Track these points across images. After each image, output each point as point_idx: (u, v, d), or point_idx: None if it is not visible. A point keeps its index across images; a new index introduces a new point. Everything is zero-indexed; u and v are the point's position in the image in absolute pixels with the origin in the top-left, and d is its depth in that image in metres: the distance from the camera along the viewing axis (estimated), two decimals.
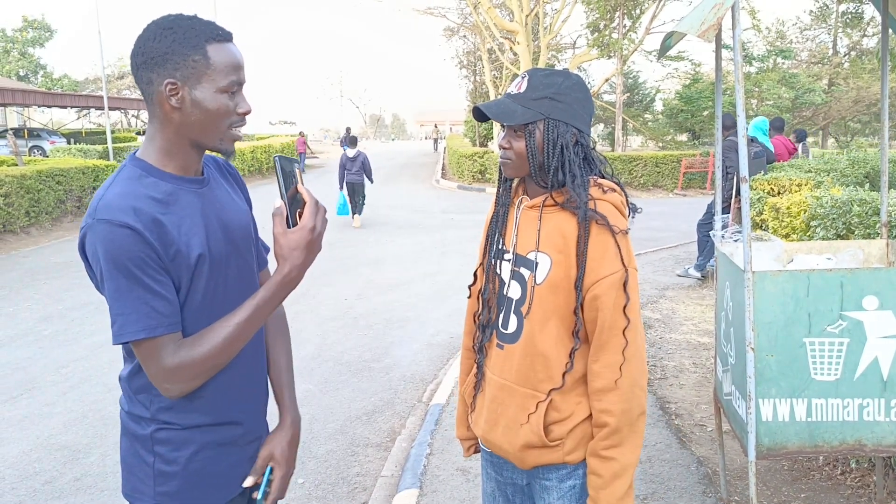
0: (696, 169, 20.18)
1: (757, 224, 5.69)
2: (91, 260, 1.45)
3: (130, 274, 1.41)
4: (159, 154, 1.53)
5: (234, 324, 1.48)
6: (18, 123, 39.57)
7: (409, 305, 7.71)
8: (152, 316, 1.42)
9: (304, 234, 1.47)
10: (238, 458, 1.66)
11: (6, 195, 11.92)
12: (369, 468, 4.11)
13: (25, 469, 4.09)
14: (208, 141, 1.53)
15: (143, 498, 1.58)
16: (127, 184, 1.47)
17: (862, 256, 3.04)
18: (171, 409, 1.54)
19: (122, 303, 1.42)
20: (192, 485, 1.58)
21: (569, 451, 1.73)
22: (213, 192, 1.61)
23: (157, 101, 1.49)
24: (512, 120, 1.69)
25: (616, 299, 1.64)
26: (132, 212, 1.41)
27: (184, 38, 1.46)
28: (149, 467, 1.56)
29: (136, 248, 1.40)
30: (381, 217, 14.63)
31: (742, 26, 2.55)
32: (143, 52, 1.48)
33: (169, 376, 1.45)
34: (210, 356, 1.47)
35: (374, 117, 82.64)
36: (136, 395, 1.56)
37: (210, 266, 1.53)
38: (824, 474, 3.57)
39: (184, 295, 1.50)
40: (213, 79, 1.48)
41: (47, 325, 7.01)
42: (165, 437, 1.55)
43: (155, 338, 1.43)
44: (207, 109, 1.49)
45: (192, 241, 1.49)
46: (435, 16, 28.08)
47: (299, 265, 1.48)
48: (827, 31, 31.65)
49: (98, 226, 1.40)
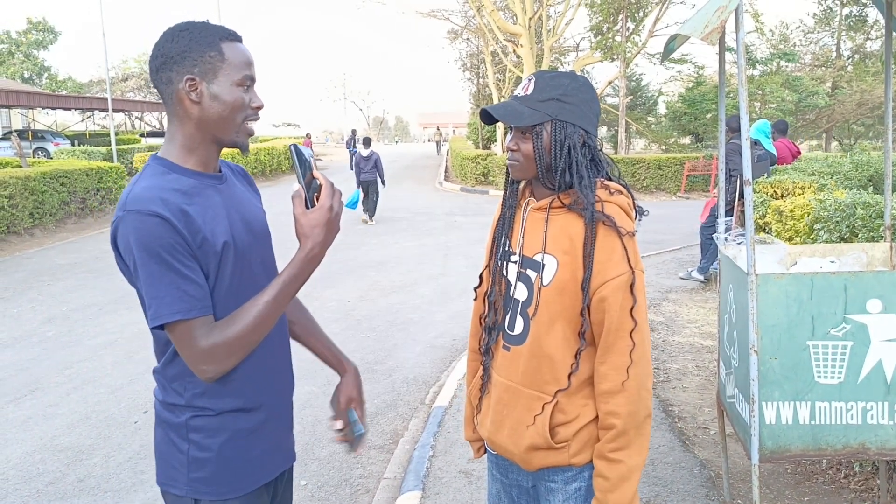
0: (700, 172, 20.16)
1: (760, 227, 5.69)
2: (123, 251, 1.52)
3: (162, 260, 1.48)
4: (180, 151, 1.62)
5: (264, 302, 1.55)
6: (23, 125, 39.70)
7: (412, 307, 7.71)
8: (185, 299, 1.49)
9: (322, 213, 1.55)
10: (268, 445, 1.72)
11: (10, 197, 11.95)
12: (372, 470, 4.11)
13: (29, 470, 4.10)
14: (226, 134, 1.61)
15: (176, 485, 1.64)
16: (152, 179, 1.56)
17: (865, 259, 3.04)
18: (205, 395, 1.61)
19: (157, 287, 1.49)
20: (225, 471, 1.64)
21: (574, 452, 1.73)
22: (231, 190, 1.70)
23: (176, 99, 1.58)
24: (519, 121, 1.69)
25: (623, 301, 1.64)
26: (160, 202, 1.49)
27: (199, 36, 1.57)
28: (183, 455, 1.63)
29: (166, 235, 1.47)
30: (385, 219, 14.63)
31: (745, 29, 2.55)
32: (161, 55, 1.57)
33: (205, 357, 1.51)
34: (242, 335, 1.53)
35: (377, 119, 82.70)
36: (171, 384, 1.63)
37: (235, 254, 1.61)
38: (827, 478, 3.56)
39: (212, 282, 1.57)
40: (229, 73, 1.58)
41: (51, 326, 7.03)
42: (200, 424, 1.62)
43: (189, 320, 1.50)
44: (225, 102, 1.58)
45: (216, 230, 1.58)
46: (438, 18, 28.10)
47: (321, 242, 1.56)
48: (830, 34, 31.58)
49: (129, 216, 1.48)
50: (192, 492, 1.64)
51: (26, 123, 39.14)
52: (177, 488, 1.65)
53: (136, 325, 6.98)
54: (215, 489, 1.64)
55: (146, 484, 3.92)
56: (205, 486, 1.63)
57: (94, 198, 14.96)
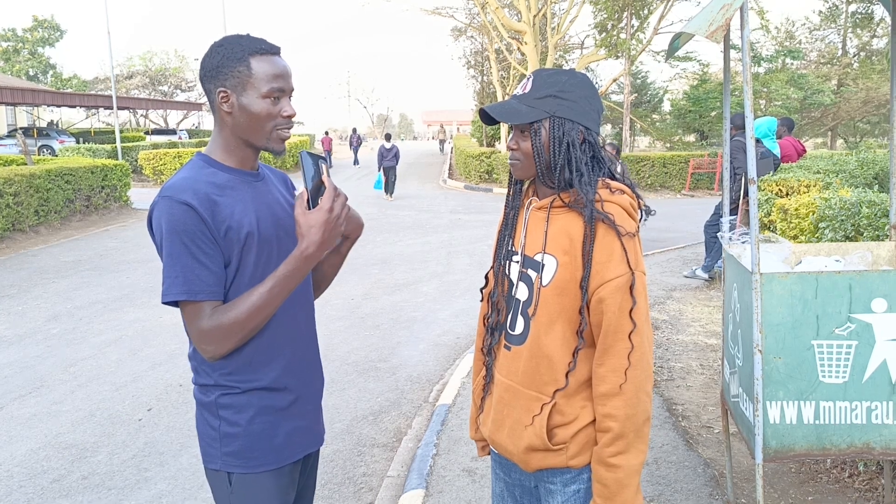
0: (704, 170, 20.11)
1: (765, 225, 5.68)
2: (155, 231, 1.68)
3: (182, 244, 1.63)
4: (220, 151, 1.79)
5: (259, 293, 1.66)
6: (28, 123, 39.80)
7: (416, 305, 7.71)
8: (195, 282, 1.63)
9: (321, 214, 1.66)
10: (296, 426, 1.84)
11: (16, 194, 11.98)
12: (375, 468, 4.11)
13: (33, 467, 4.11)
14: (257, 141, 1.76)
15: (212, 460, 1.79)
16: (191, 171, 1.73)
17: (871, 258, 3.02)
18: (231, 374, 1.74)
19: (173, 268, 1.63)
20: (253, 446, 1.77)
21: (572, 455, 1.71)
22: (266, 188, 1.84)
23: (215, 107, 1.75)
24: (516, 119, 1.68)
25: (622, 303, 1.62)
26: (191, 192, 1.65)
27: (231, 52, 1.71)
28: (215, 431, 1.77)
29: (190, 222, 1.63)
30: (389, 217, 14.64)
31: (751, 27, 2.54)
32: (203, 67, 1.75)
33: (204, 337, 1.65)
34: (238, 320, 1.65)
35: (381, 117, 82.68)
36: (201, 366, 1.77)
37: (258, 244, 1.73)
38: (832, 477, 3.55)
39: (234, 269, 1.71)
40: (256, 86, 1.71)
41: (55, 323, 7.05)
42: (228, 401, 1.75)
43: (196, 302, 1.64)
44: (252, 113, 1.72)
45: (242, 221, 1.71)
46: (443, 16, 28.09)
47: (316, 241, 1.66)
48: (836, 32, 31.47)
49: (162, 202, 1.64)
50: (226, 465, 1.77)
51: (31, 121, 39.26)
52: (213, 463, 1.79)
53: (140, 323, 6.99)
54: (244, 462, 1.76)
55: (150, 481, 3.93)
56: (235, 460, 1.76)
57: (99, 195, 14.98)
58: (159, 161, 22.62)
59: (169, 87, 54.90)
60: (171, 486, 3.88)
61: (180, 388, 5.27)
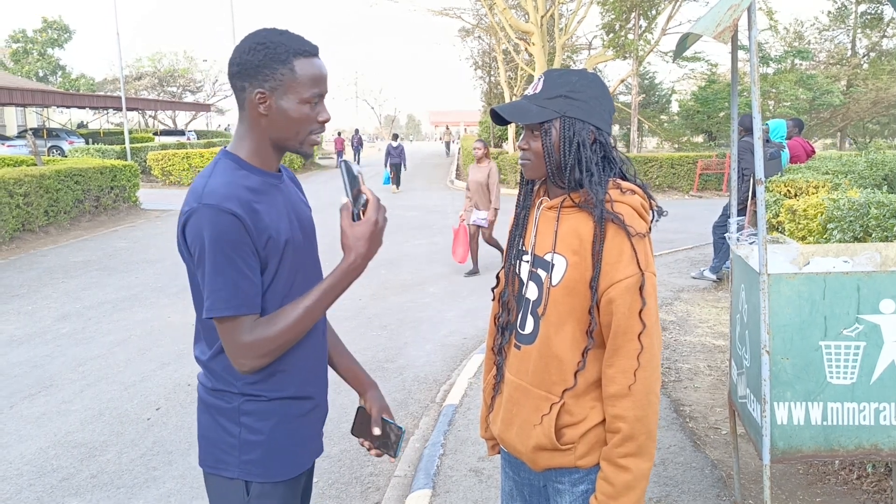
0: (712, 170, 20.04)
1: (773, 226, 5.66)
2: (191, 239, 1.59)
3: (227, 256, 1.56)
4: (248, 152, 1.70)
5: (303, 307, 1.63)
6: (37, 123, 40.03)
7: (423, 306, 7.72)
8: (239, 296, 1.57)
9: (368, 226, 1.64)
10: (310, 432, 1.82)
11: (25, 195, 12.05)
12: (382, 468, 4.12)
13: (43, 466, 4.14)
14: (290, 144, 1.70)
15: (227, 468, 1.71)
16: (226, 174, 1.64)
17: (879, 259, 3.01)
18: (257, 383, 1.69)
19: (217, 281, 1.57)
20: (274, 453, 1.72)
21: (581, 455, 1.71)
22: (287, 188, 1.80)
23: (247, 107, 1.67)
24: (527, 119, 1.69)
25: (632, 304, 1.62)
26: (235, 200, 1.57)
27: (274, 52, 1.62)
28: (234, 438, 1.70)
29: (236, 233, 1.56)
30: (397, 217, 14.65)
31: (759, 27, 2.54)
32: (238, 63, 1.64)
33: (244, 351, 1.60)
34: (280, 335, 1.61)
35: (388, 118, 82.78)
36: (223, 372, 1.70)
37: (293, 251, 1.70)
38: (840, 478, 3.54)
39: (270, 278, 1.65)
40: (298, 91, 1.64)
41: (65, 323, 7.09)
42: (252, 408, 1.70)
43: (237, 316, 1.58)
44: (291, 118, 1.66)
45: (280, 228, 1.66)
46: (450, 16, 28.09)
47: (363, 254, 1.64)
48: (846, 32, 31.34)
49: (204, 210, 1.55)
50: (244, 473, 1.70)
51: (41, 122, 39.48)
52: (228, 471, 1.71)
53: (148, 323, 7.03)
54: (264, 471, 1.71)
55: (159, 480, 3.95)
56: (255, 468, 1.71)
57: (108, 196, 15.05)
58: (168, 162, 22.73)
59: (177, 88, 55.16)
60: (179, 485, 3.89)
61: (188, 388, 5.29)
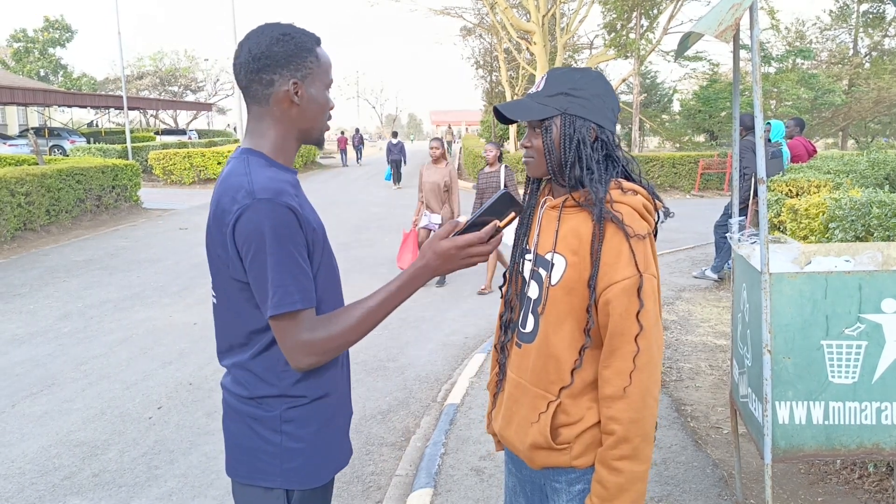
0: (714, 170, 20.03)
1: (775, 226, 5.66)
2: (245, 236, 1.54)
3: (289, 251, 1.54)
4: (272, 148, 1.69)
5: (367, 307, 1.61)
6: (39, 123, 40.07)
7: (424, 305, 7.72)
8: (302, 290, 1.55)
9: (450, 245, 1.60)
10: (342, 432, 1.79)
11: (27, 194, 12.06)
12: (384, 467, 4.13)
13: (45, 465, 4.15)
14: (314, 132, 1.73)
15: (267, 478, 1.67)
16: (265, 170, 1.61)
17: (881, 259, 3.01)
18: (300, 383, 1.65)
19: (283, 276, 1.53)
20: (315, 458, 1.70)
21: (576, 455, 1.71)
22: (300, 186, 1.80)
23: (274, 100, 1.66)
24: (527, 116, 1.69)
25: (628, 305, 1.60)
26: (288, 195, 1.57)
27: (302, 42, 1.66)
28: (275, 447, 1.66)
29: (294, 227, 1.55)
30: (398, 216, 14.64)
31: (761, 26, 2.54)
32: (266, 56, 1.63)
33: (305, 348, 1.56)
34: (342, 334, 1.59)
35: (390, 117, 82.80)
36: (264, 376, 1.65)
37: (324, 245, 1.70)
38: (841, 478, 3.53)
39: (314, 270, 1.64)
40: (322, 78, 1.70)
41: (67, 322, 7.10)
42: (294, 415, 1.66)
43: (302, 311, 1.55)
44: (318, 103, 1.70)
45: (316, 223, 1.66)
46: (451, 16, 28.09)
47: (433, 268, 1.62)
48: (847, 32, 31.31)
49: (261, 205, 1.52)
50: (286, 482, 1.67)
51: (42, 121, 39.52)
52: (266, 481, 1.67)
53: (150, 322, 7.03)
54: (305, 479, 1.68)
55: (160, 479, 3.95)
56: (296, 476, 1.67)
57: (110, 195, 15.06)
58: (169, 161, 22.73)
59: (179, 88, 55.18)
60: (180, 484, 3.90)
61: (190, 387, 5.30)
